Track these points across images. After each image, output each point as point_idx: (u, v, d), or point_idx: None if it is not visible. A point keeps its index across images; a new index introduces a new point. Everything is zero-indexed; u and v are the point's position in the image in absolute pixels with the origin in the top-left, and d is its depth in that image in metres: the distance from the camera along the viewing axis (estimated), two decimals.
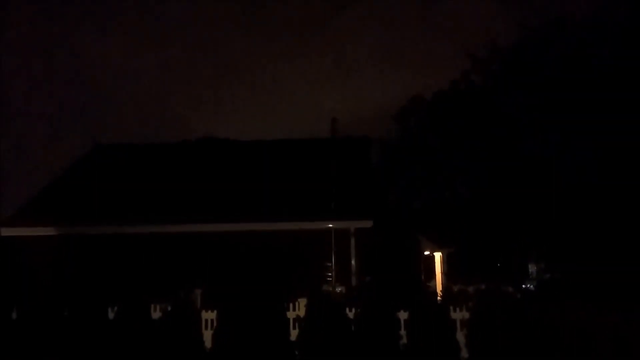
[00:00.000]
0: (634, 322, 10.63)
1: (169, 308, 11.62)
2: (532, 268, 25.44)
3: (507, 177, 24.98)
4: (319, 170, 19.92)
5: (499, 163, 25.39)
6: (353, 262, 17.13)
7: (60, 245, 17.85)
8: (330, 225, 17.37)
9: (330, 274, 17.11)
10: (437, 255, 24.02)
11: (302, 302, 12.44)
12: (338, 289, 15.96)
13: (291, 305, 12.90)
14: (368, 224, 17.37)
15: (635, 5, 22.79)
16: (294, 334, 11.58)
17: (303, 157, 22.21)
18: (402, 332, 11.37)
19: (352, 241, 17.30)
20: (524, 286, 21.91)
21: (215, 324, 12.00)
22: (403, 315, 11.66)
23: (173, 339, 11.14)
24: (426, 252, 23.49)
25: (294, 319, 12.30)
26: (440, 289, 18.40)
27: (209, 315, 12.68)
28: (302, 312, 11.95)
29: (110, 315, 11.91)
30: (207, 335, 11.73)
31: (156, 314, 12.17)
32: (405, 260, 20.84)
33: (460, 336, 11.35)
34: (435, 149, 27.29)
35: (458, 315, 11.86)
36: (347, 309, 11.81)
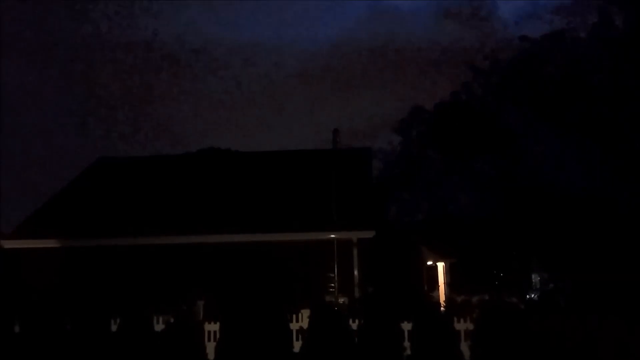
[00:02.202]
0: (636, 331, 10.60)
1: (172, 320, 11.61)
2: (535, 278, 25.36)
3: (508, 187, 25.01)
4: (321, 181, 19.89)
5: (501, 174, 25.44)
6: (356, 272, 17.08)
7: (63, 258, 17.84)
8: (333, 236, 17.34)
9: (333, 285, 17.05)
10: (440, 266, 23.95)
11: (305, 313, 12.42)
12: (341, 300, 15.90)
13: (294, 316, 12.86)
14: (370, 234, 17.34)
15: (632, 18, 22.95)
16: (297, 345, 11.55)
17: (305, 168, 22.23)
18: (406, 343, 11.34)
19: (355, 252, 17.25)
20: (527, 296, 21.83)
21: (217, 335, 11.98)
22: (407, 326, 11.62)
23: (176, 351, 11.13)
24: (429, 262, 23.44)
25: (297, 330, 12.27)
26: (443, 299, 18.35)
27: (212, 327, 12.64)
28: (305, 324, 11.93)
29: (113, 327, 11.90)
30: (210, 347, 11.72)
31: (159, 326, 12.17)
32: (407, 271, 20.79)
33: (465, 347, 11.31)
34: (436, 160, 27.38)
35: (462, 326, 11.84)
36: (351, 320, 11.78)
